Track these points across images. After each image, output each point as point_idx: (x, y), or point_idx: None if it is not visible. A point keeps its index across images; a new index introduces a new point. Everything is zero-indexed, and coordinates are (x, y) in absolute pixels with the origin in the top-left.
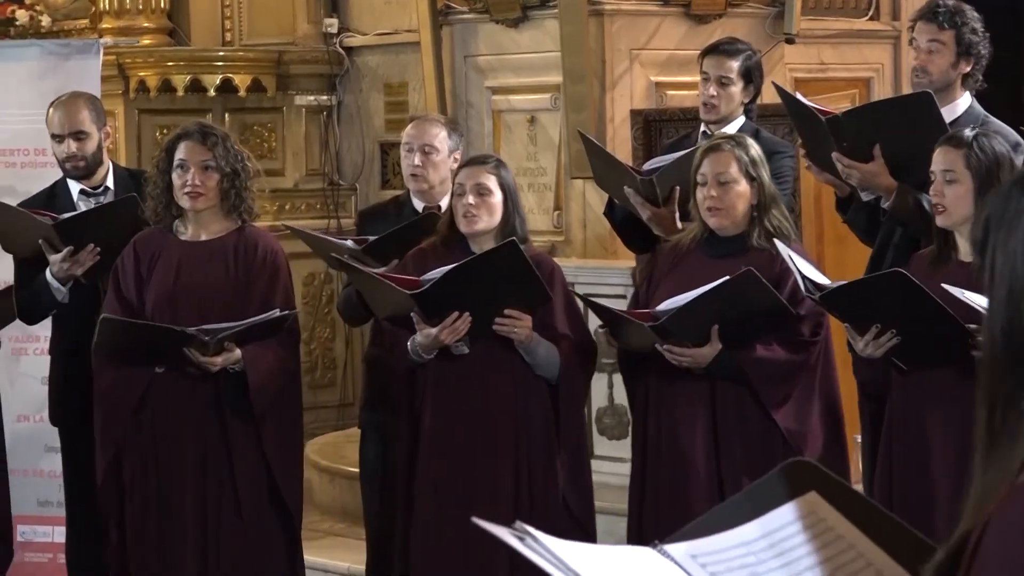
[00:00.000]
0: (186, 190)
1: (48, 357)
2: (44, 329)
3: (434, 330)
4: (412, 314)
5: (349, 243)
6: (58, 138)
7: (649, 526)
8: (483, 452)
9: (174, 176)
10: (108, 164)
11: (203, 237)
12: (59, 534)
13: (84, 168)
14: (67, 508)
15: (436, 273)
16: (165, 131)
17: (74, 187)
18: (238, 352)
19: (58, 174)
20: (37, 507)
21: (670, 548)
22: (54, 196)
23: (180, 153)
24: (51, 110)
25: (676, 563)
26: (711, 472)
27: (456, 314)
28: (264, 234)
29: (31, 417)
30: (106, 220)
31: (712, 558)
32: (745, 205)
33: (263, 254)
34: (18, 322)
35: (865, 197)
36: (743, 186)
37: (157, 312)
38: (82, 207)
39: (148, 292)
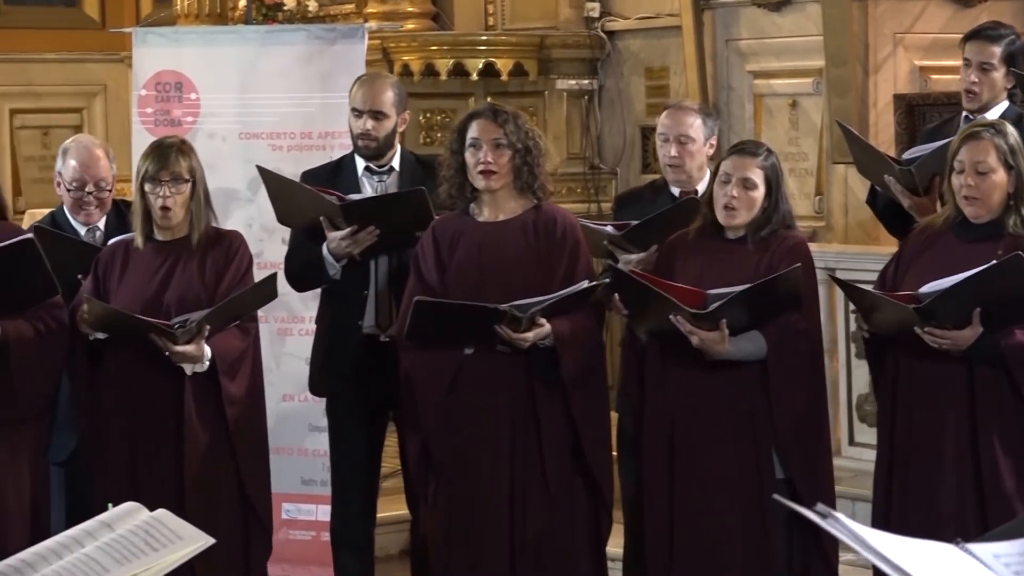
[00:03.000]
0: (479, 168)
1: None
2: (309, 310)
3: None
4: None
5: (608, 228)
6: (357, 113)
7: (896, 513)
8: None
9: (467, 155)
10: (397, 147)
11: (500, 217)
12: (323, 512)
13: (374, 148)
14: (333, 484)
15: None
16: (428, 115)
17: (360, 164)
18: (548, 327)
19: (323, 159)
20: (301, 485)
21: (974, 547)
22: (339, 169)
23: (472, 132)
24: (356, 85)
25: (980, 561)
26: (964, 457)
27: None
28: (561, 210)
29: (296, 397)
30: (392, 208)
31: (1016, 559)
32: (1001, 194)
33: (562, 228)
34: (284, 303)
35: None
36: (1000, 175)
37: (460, 294)
38: (365, 184)
39: (450, 276)
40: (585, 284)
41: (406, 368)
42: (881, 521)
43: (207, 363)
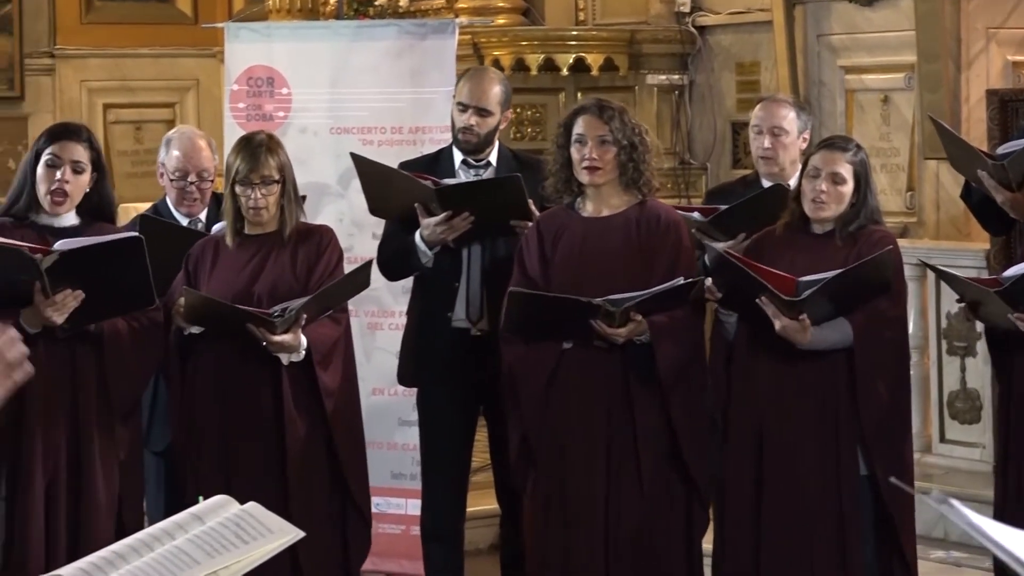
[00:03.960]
0: (584, 164)
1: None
2: (399, 304)
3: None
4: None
5: (695, 215)
6: (462, 107)
7: (1011, 510)
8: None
9: (572, 151)
10: (496, 143)
11: (604, 212)
12: (412, 506)
13: (475, 144)
14: (423, 478)
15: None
16: (519, 110)
17: (457, 156)
18: (644, 323)
19: (413, 154)
20: (391, 479)
21: None
22: (437, 161)
23: (578, 128)
24: (463, 79)
25: None
26: None
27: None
28: (666, 207)
29: (385, 391)
30: (488, 193)
31: None
32: None
33: (665, 225)
34: (375, 296)
35: None
36: None
37: (561, 289)
38: (461, 177)
39: (552, 270)
40: (680, 281)
41: (509, 361)
42: (998, 516)
43: (303, 352)
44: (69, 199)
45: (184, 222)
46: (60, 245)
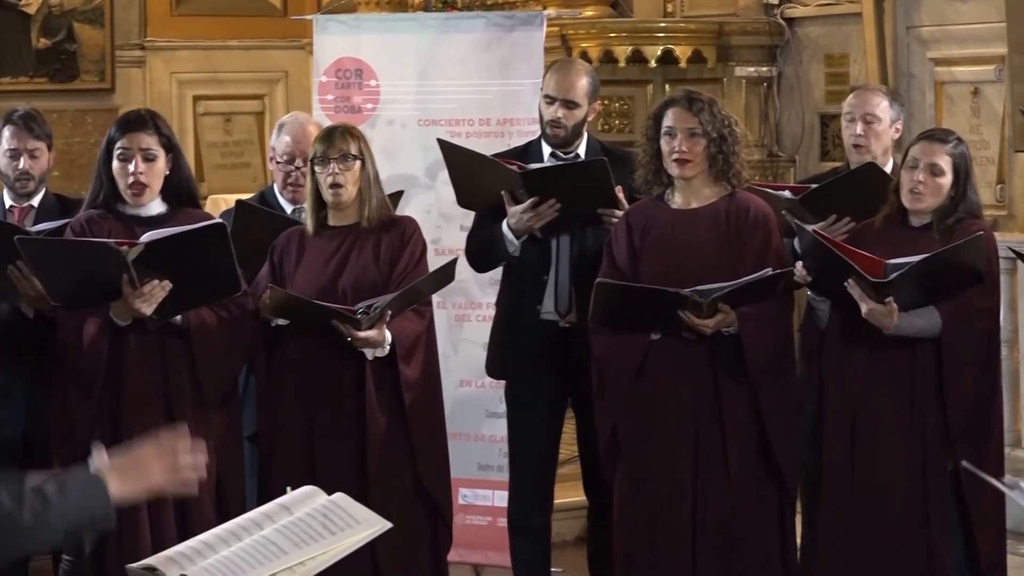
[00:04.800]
0: (674, 156)
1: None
2: (487, 296)
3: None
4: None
5: (786, 194)
6: (549, 99)
7: None
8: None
9: (662, 143)
10: (585, 135)
11: (693, 204)
12: (499, 498)
13: (563, 137)
14: (510, 470)
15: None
16: (606, 102)
17: (546, 149)
18: (732, 314)
19: (501, 146)
20: (478, 471)
21: None
22: (525, 154)
23: (667, 120)
24: (550, 71)
25: None
26: None
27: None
28: (755, 198)
29: (473, 382)
30: (574, 178)
31: None
32: None
33: (755, 217)
34: (462, 288)
35: None
36: None
37: (650, 281)
38: None
39: (641, 262)
40: (769, 271)
41: (597, 353)
42: None
43: (388, 348)
44: (148, 188)
45: (288, 208)
46: (145, 237)
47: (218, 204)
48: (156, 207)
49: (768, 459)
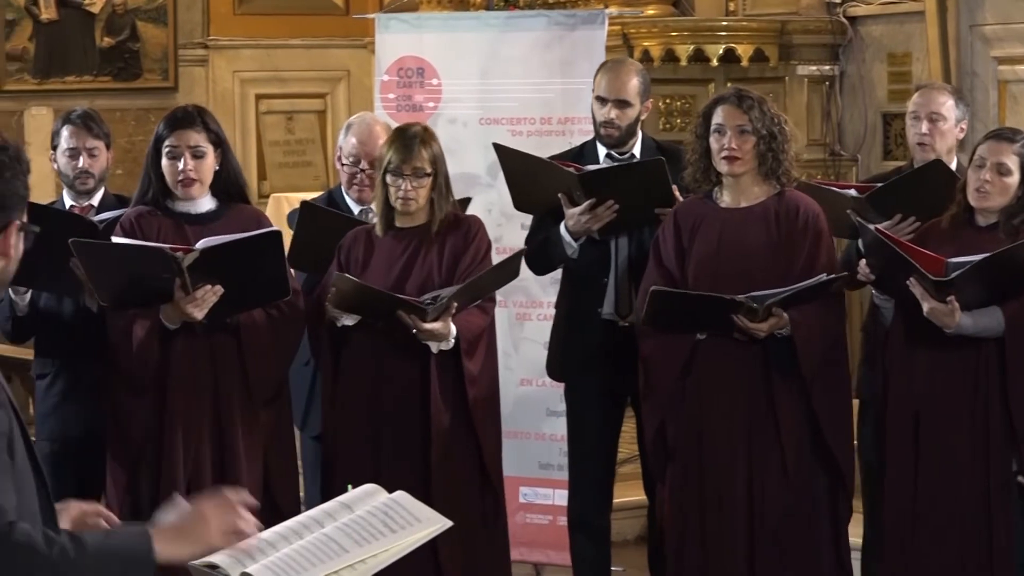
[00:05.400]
0: (723, 154)
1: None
2: (548, 295)
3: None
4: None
5: (852, 192)
6: (601, 100)
7: None
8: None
9: (711, 141)
10: (639, 134)
11: (742, 203)
12: (560, 496)
13: (617, 137)
14: (570, 468)
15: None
16: (668, 101)
17: (601, 150)
18: (785, 317)
19: (563, 145)
20: (538, 469)
21: None
22: (581, 156)
23: (717, 117)
24: (600, 72)
25: None
26: None
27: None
28: (805, 197)
29: (533, 381)
30: (631, 178)
31: None
32: None
33: (805, 217)
34: (523, 287)
35: None
36: None
37: (699, 280)
38: None
39: (690, 262)
40: (824, 277)
41: (645, 352)
42: None
43: (452, 341)
44: (199, 183)
45: (356, 208)
46: (201, 244)
47: (280, 203)
48: (206, 203)
49: (824, 457)
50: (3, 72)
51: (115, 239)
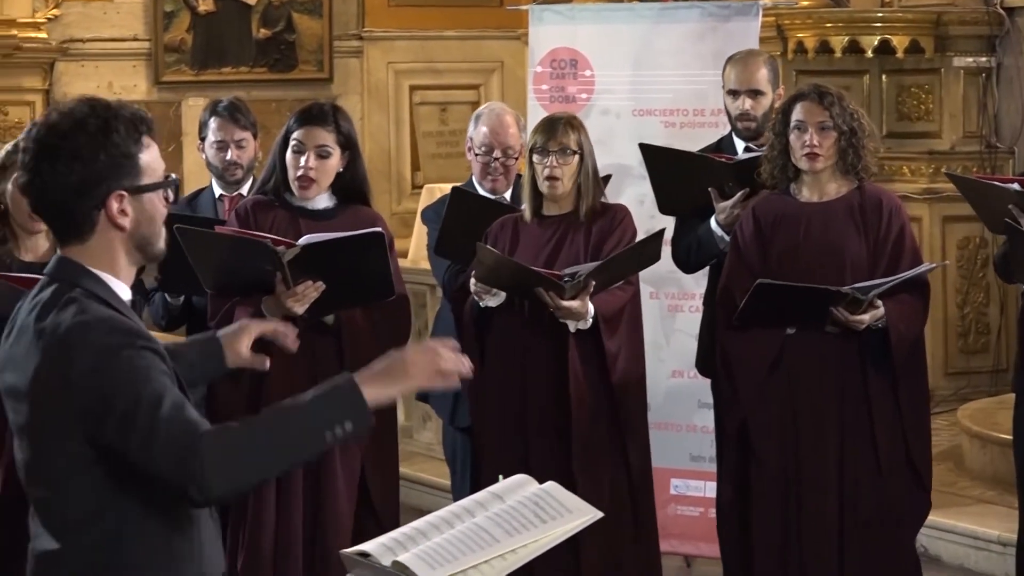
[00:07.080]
0: (805, 151)
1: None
2: (699, 287)
3: None
4: None
5: (1015, 186)
6: (733, 93)
7: None
8: None
9: (791, 137)
10: None
11: (822, 198)
12: (711, 489)
13: (754, 128)
14: (718, 463)
15: None
16: None
17: (739, 144)
18: (882, 308)
19: (715, 136)
20: (690, 462)
21: None
22: (718, 150)
23: (797, 114)
24: (728, 65)
25: None
26: None
27: None
28: (885, 190)
29: (685, 373)
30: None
31: None
32: None
33: (888, 210)
34: (675, 279)
35: None
36: None
37: (783, 275)
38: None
39: (774, 256)
40: (930, 265)
41: (731, 351)
42: None
43: (590, 320)
44: (316, 184)
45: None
46: (303, 240)
47: (433, 193)
48: (323, 200)
49: (908, 451)
50: (161, 63)
51: (227, 227)
